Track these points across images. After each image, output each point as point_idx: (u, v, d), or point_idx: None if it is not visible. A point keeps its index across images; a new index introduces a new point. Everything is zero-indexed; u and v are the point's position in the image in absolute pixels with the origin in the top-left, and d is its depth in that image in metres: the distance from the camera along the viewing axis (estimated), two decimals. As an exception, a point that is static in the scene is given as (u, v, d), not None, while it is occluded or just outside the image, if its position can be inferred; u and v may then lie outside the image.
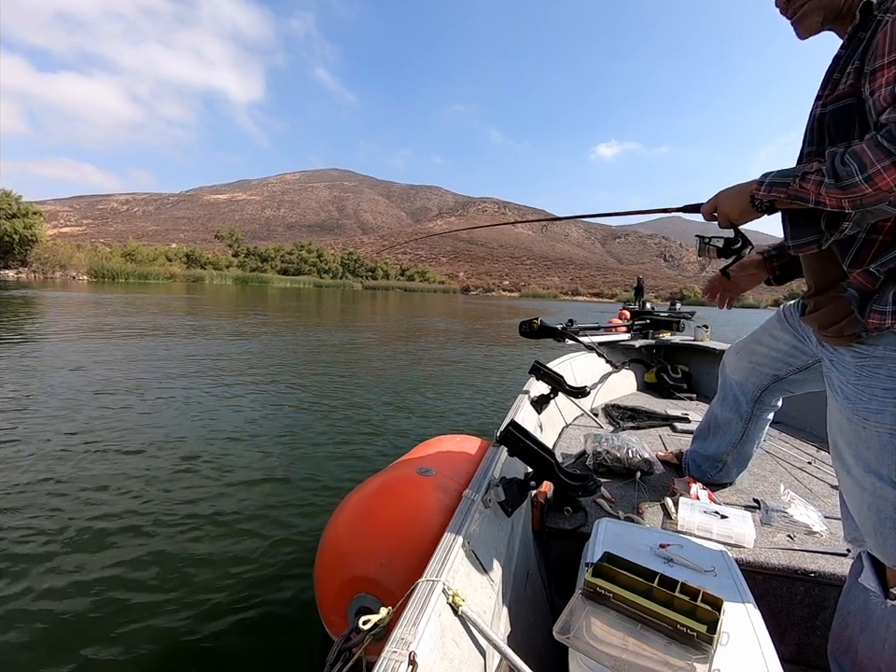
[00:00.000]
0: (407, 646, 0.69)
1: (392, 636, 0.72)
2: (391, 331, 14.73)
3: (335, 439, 4.07)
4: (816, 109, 0.99)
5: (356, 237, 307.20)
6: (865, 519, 1.02)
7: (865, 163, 0.79)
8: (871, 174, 0.78)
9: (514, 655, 0.81)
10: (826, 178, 0.85)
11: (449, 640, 0.78)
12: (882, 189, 0.78)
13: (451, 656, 0.76)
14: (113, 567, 2.14)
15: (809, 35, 1.05)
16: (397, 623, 0.75)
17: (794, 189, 0.92)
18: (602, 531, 1.24)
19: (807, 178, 0.88)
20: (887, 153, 0.76)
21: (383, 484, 1.39)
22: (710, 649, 0.77)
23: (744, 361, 1.69)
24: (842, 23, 0.99)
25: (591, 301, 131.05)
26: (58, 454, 3.31)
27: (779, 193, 0.96)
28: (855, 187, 0.81)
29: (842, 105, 0.92)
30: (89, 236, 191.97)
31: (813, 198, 0.89)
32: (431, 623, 0.76)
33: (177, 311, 16.91)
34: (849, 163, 0.81)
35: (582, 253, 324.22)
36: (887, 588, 1.00)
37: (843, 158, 0.83)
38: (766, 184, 0.98)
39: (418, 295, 79.32)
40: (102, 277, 51.39)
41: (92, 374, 5.81)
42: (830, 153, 0.86)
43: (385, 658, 0.67)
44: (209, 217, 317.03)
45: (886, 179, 0.77)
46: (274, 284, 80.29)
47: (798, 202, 0.93)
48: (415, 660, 0.67)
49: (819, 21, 1.01)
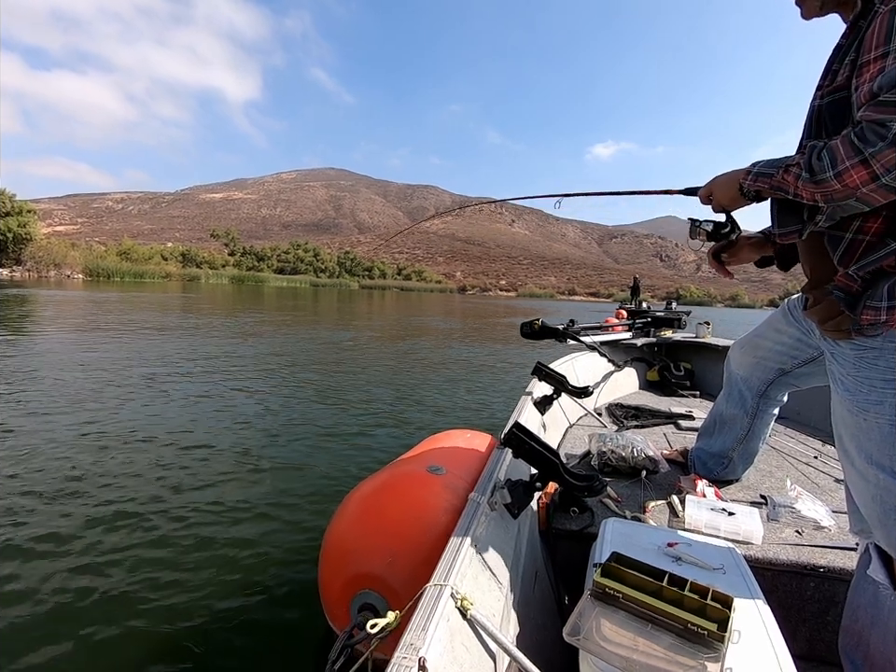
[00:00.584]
0: (416, 651, 0.69)
1: (401, 641, 0.71)
2: (390, 330, 14.74)
3: (339, 434, 4.09)
4: (815, 100, 1.00)
5: (352, 236, 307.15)
6: (871, 511, 1.02)
7: (837, 160, 0.82)
8: (840, 170, 0.81)
9: (524, 658, 0.81)
10: (803, 172, 0.88)
11: (458, 645, 0.78)
12: (849, 186, 0.81)
13: (461, 661, 0.76)
14: (115, 557, 2.15)
15: (811, 16, 1.07)
16: (405, 628, 0.74)
17: (777, 181, 0.95)
18: (609, 531, 1.23)
19: (789, 170, 0.91)
20: (857, 151, 0.79)
21: (389, 481, 1.39)
22: (722, 647, 0.76)
23: (749, 356, 1.68)
24: (846, 8, 1.00)
25: (587, 300, 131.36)
26: (54, 450, 3.30)
27: (763, 184, 0.99)
28: (826, 182, 0.84)
29: (837, 97, 0.93)
30: (83, 235, 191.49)
31: (792, 190, 0.92)
32: (440, 628, 0.75)
33: (175, 309, 16.91)
34: (824, 159, 0.84)
35: (579, 253, 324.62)
36: (894, 579, 1.00)
37: (819, 153, 0.85)
38: (753, 174, 1.01)
39: (415, 294, 79.46)
40: (97, 276, 51.35)
41: (105, 370, 5.80)
42: (810, 146, 0.89)
43: (394, 664, 0.67)
44: (205, 216, 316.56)
45: (853, 177, 0.80)
46: (271, 283, 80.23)
47: (780, 192, 0.96)
48: (425, 665, 0.67)
49: (818, 5, 1.03)
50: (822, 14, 1.05)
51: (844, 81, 0.90)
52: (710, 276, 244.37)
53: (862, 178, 0.79)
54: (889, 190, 0.79)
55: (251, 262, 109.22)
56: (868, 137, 0.77)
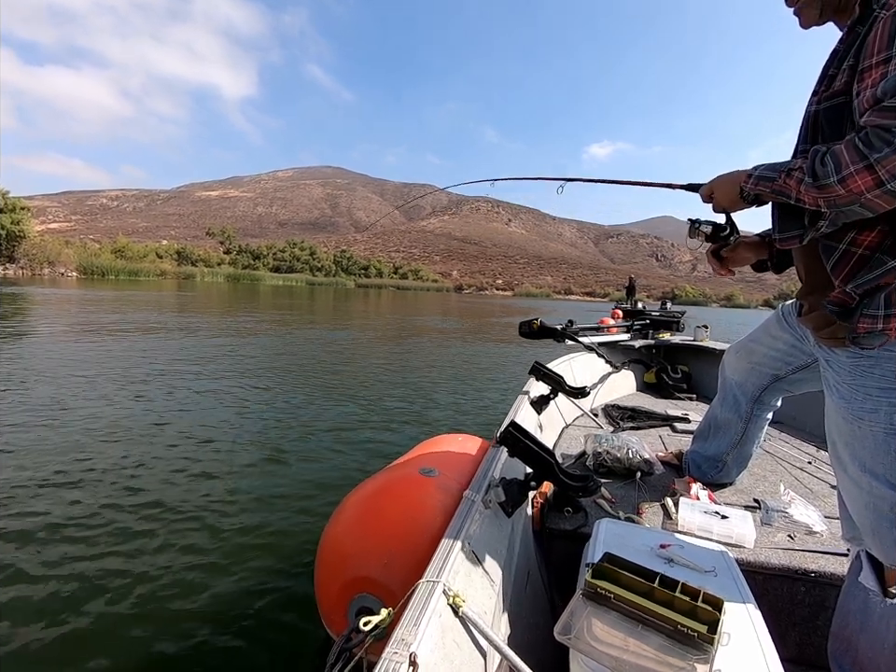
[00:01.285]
0: (408, 647, 0.70)
1: (393, 636, 0.72)
2: (388, 329, 14.72)
3: (334, 438, 4.08)
4: (811, 106, 0.99)
5: (349, 235, 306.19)
6: (863, 518, 1.03)
7: (841, 165, 0.81)
8: (844, 175, 0.81)
9: (515, 656, 0.82)
10: (806, 177, 0.87)
11: (450, 641, 0.79)
12: (853, 192, 0.81)
13: (451, 657, 0.77)
14: (112, 562, 2.14)
15: (809, 25, 1.07)
16: (397, 624, 0.75)
17: (779, 185, 0.94)
18: (602, 531, 1.24)
19: (791, 175, 0.91)
20: (861, 156, 0.78)
21: (384, 484, 1.39)
22: (711, 649, 0.77)
23: (743, 362, 1.70)
24: (842, 16, 1.00)
25: (584, 300, 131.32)
26: (43, 449, 3.30)
27: (765, 187, 0.98)
28: (829, 187, 0.84)
29: (835, 103, 0.92)
30: (78, 232, 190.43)
31: (794, 195, 0.92)
32: (432, 624, 0.76)
33: (171, 308, 16.85)
34: (828, 164, 0.84)
35: (575, 252, 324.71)
36: (885, 587, 1.01)
37: (823, 158, 0.85)
38: (755, 177, 1.00)
39: (412, 293, 79.36)
40: (91, 274, 51.12)
41: (99, 366, 5.78)
42: (813, 151, 0.88)
43: (385, 659, 0.68)
44: (200, 213, 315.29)
45: (857, 182, 0.80)
46: (266, 281, 79.96)
47: (781, 197, 0.96)
48: (416, 661, 0.67)
49: (817, 14, 1.03)
50: (821, 23, 1.05)
51: (842, 86, 0.90)
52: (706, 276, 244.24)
53: (867, 184, 0.79)
54: (894, 196, 0.79)
55: (247, 261, 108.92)
56: (873, 143, 0.77)
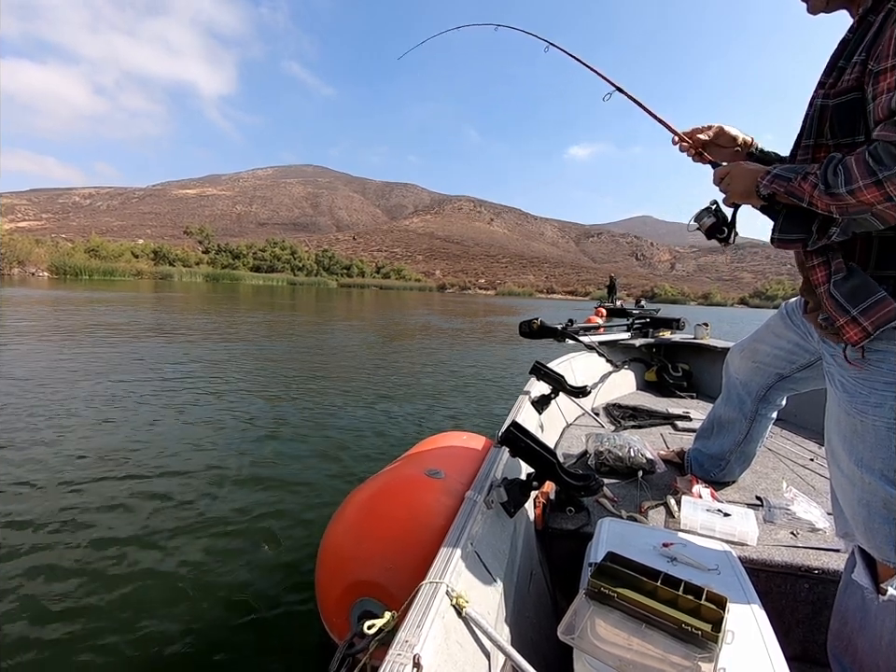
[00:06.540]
0: (411, 648, 0.71)
1: (396, 638, 0.74)
2: (376, 329, 14.67)
3: (332, 438, 4.08)
4: (817, 98, 1.00)
5: (330, 234, 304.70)
6: (856, 514, 1.05)
7: (851, 178, 0.85)
8: (853, 188, 0.85)
9: (519, 656, 0.84)
10: (819, 182, 0.91)
11: (453, 642, 0.81)
12: (863, 203, 0.85)
13: (455, 658, 0.78)
14: (102, 566, 2.15)
15: (817, 11, 1.09)
16: (401, 626, 0.77)
17: (794, 186, 0.97)
18: (605, 531, 1.27)
19: (807, 178, 0.94)
20: (871, 172, 0.82)
21: (388, 484, 1.40)
22: (715, 648, 0.80)
23: (748, 361, 1.73)
24: (853, 3, 1.01)
25: (566, 298, 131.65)
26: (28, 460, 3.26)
27: (780, 187, 1.00)
28: (840, 196, 0.88)
29: (848, 99, 0.93)
30: (49, 231, 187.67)
31: (807, 198, 0.95)
32: (435, 626, 0.78)
33: (148, 308, 16.67)
34: (840, 174, 0.87)
35: (557, 251, 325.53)
36: (878, 583, 1.04)
37: (836, 168, 0.88)
38: (772, 174, 1.02)
39: (395, 293, 79.01)
40: (64, 274, 50.35)
41: (88, 379, 5.71)
42: (829, 158, 0.91)
43: (389, 661, 0.69)
44: (177, 212, 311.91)
45: (866, 195, 0.84)
46: (247, 281, 79.26)
47: (794, 199, 0.98)
48: (420, 662, 0.69)
49: (825, 1, 1.05)
50: (829, 10, 1.06)
51: (853, 83, 0.91)
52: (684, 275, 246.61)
53: (876, 198, 0.83)
54: None
55: (226, 260, 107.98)
56: (884, 160, 0.80)
